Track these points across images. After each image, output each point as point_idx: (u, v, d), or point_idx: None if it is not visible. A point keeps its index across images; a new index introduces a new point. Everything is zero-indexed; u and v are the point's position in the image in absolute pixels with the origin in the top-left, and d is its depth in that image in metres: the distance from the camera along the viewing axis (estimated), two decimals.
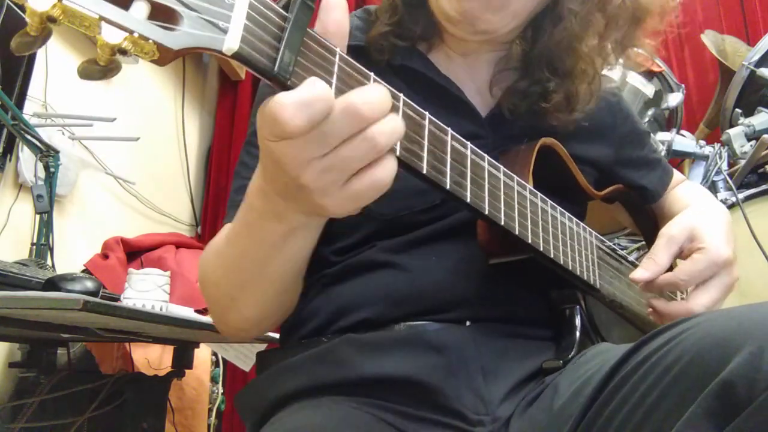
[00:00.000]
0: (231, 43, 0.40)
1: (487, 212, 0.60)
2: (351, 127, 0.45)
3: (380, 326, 0.70)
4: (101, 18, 0.36)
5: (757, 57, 1.88)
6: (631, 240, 1.51)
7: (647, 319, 0.87)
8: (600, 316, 0.81)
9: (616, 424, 0.53)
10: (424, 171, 0.53)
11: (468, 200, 0.57)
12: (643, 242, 1.12)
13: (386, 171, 0.48)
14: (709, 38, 2.18)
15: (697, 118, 2.42)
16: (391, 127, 0.47)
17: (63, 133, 2.08)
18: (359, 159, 0.47)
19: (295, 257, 0.65)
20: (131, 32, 0.37)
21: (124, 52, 0.37)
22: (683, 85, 2.11)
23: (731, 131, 1.78)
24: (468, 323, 0.70)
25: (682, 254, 0.78)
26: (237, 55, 0.41)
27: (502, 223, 0.61)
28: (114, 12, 0.36)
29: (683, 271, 0.74)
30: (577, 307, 0.76)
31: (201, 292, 0.74)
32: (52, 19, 0.35)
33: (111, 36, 0.37)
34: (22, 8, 0.35)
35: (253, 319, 0.71)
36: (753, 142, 1.71)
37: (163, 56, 0.39)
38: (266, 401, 0.72)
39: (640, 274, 0.74)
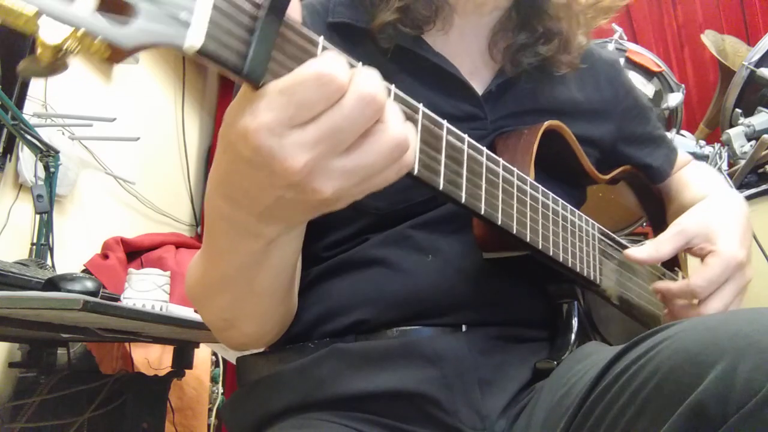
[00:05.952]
0: (194, 40, 0.35)
1: (483, 212, 0.58)
2: (367, 119, 0.41)
3: (371, 331, 0.67)
4: (39, 12, 0.31)
5: (757, 57, 1.88)
6: (631, 240, 1.50)
7: (650, 313, 0.87)
8: (599, 310, 0.80)
9: None
10: (416, 172, 0.49)
11: (463, 200, 0.55)
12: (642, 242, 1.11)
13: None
14: (709, 38, 2.18)
15: (697, 118, 2.43)
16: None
17: (63, 133, 2.08)
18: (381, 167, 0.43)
19: (281, 267, 0.60)
20: (76, 28, 0.32)
21: (67, 52, 0.33)
22: (683, 85, 2.11)
23: (731, 131, 1.78)
24: (464, 328, 0.68)
25: (692, 251, 0.76)
26: (202, 52, 0.36)
27: (500, 222, 0.60)
28: (54, 4, 0.31)
29: (701, 277, 0.72)
30: (575, 302, 0.75)
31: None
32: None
33: (51, 34, 0.32)
34: None
35: (253, 334, 0.68)
36: (753, 142, 1.71)
37: (115, 56, 0.34)
38: (253, 419, 0.69)
39: (636, 253, 0.74)
